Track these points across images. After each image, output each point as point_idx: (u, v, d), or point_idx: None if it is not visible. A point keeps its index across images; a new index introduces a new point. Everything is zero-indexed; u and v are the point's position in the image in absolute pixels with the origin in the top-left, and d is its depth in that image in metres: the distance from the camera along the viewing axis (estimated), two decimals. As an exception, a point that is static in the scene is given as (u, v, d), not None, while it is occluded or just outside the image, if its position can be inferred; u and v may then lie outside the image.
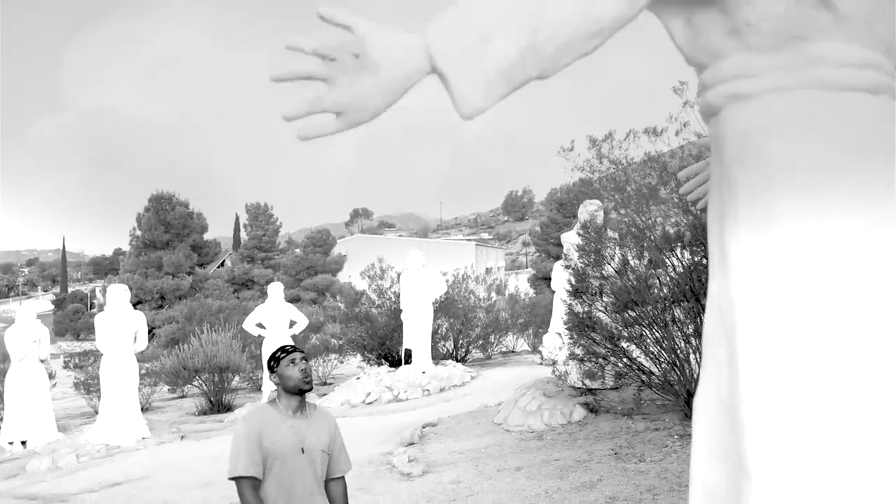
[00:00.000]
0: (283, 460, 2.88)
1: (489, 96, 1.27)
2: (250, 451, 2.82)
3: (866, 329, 1.30)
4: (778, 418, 1.32)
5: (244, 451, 2.82)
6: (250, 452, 2.82)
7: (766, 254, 1.33)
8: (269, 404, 3.04)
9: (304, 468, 2.93)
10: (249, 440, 2.83)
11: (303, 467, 2.93)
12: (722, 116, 1.45)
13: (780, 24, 1.32)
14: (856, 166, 1.31)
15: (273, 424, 2.91)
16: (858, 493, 1.27)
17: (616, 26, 1.30)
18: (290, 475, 2.90)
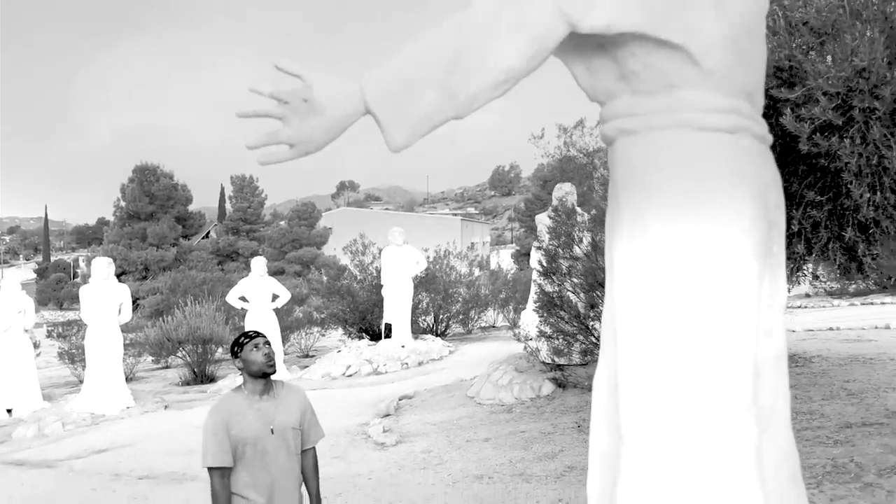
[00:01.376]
0: (254, 444, 2.99)
1: (413, 135, 1.55)
2: (218, 441, 2.94)
3: (712, 320, 1.59)
4: (646, 394, 1.61)
5: (212, 443, 2.94)
6: (218, 443, 2.94)
7: (639, 258, 1.63)
8: (235, 391, 3.12)
9: (276, 448, 3.04)
10: (217, 432, 2.95)
11: (274, 448, 3.04)
12: (614, 147, 1.74)
13: (657, 75, 1.59)
14: (713, 191, 1.59)
15: (239, 412, 3.01)
16: (709, 454, 1.58)
17: (521, 76, 1.56)
18: (262, 457, 3.01)
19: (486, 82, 1.54)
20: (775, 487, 1.70)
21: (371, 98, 1.54)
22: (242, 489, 3.00)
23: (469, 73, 1.52)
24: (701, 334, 1.59)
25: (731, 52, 1.63)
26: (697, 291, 1.60)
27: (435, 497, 5.35)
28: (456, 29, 1.55)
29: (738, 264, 1.61)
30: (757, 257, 1.63)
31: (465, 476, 5.76)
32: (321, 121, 1.54)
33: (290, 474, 3.11)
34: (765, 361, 1.71)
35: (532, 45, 1.54)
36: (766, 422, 1.71)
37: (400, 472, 6.10)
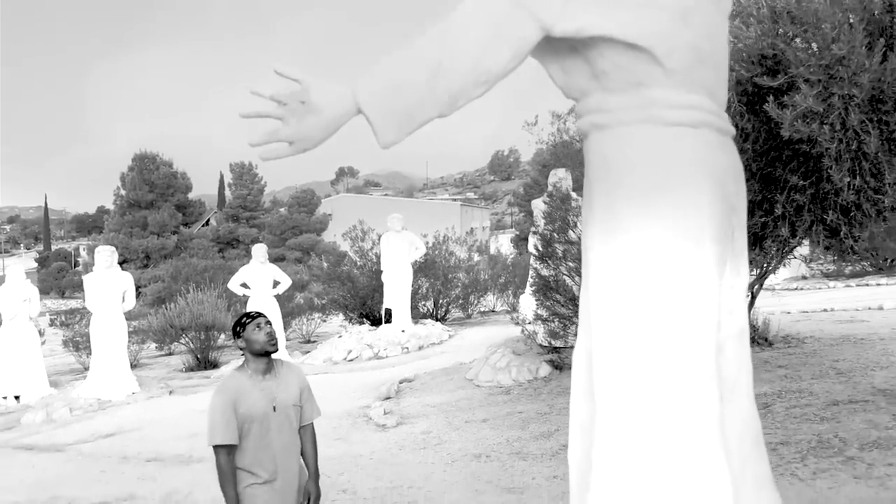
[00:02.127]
0: (259, 421, 3.12)
1: (400, 133, 1.70)
2: (226, 420, 3.05)
3: (675, 300, 1.75)
4: (618, 367, 1.77)
5: (219, 421, 3.06)
6: (226, 422, 3.06)
7: (609, 243, 1.78)
8: (239, 371, 3.23)
9: (278, 426, 3.18)
10: (224, 411, 3.07)
11: (277, 425, 3.17)
12: (588, 140, 1.88)
13: (625, 74, 1.74)
14: (676, 181, 1.74)
15: (245, 391, 3.13)
16: (675, 420, 1.73)
17: (500, 77, 1.71)
18: (266, 434, 3.14)
19: (468, 84, 1.68)
20: (739, 452, 1.86)
21: (363, 100, 1.69)
22: (248, 465, 3.15)
23: (451, 76, 1.66)
24: (666, 312, 1.75)
25: (693, 53, 1.77)
26: (662, 273, 1.75)
27: (434, 475, 5.53)
28: (439, 36, 1.69)
29: (698, 248, 1.76)
30: (717, 241, 1.79)
31: (464, 455, 5.93)
32: (317, 120, 1.69)
33: (291, 450, 3.27)
34: (727, 338, 1.86)
35: (509, 49, 1.68)
36: (730, 392, 1.87)
37: (400, 451, 6.28)
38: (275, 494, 3.19)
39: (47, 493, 6.11)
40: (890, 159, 3.97)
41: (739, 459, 1.85)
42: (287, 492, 3.24)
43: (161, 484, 6.10)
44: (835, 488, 4.10)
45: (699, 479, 1.74)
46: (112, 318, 10.62)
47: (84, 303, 11.23)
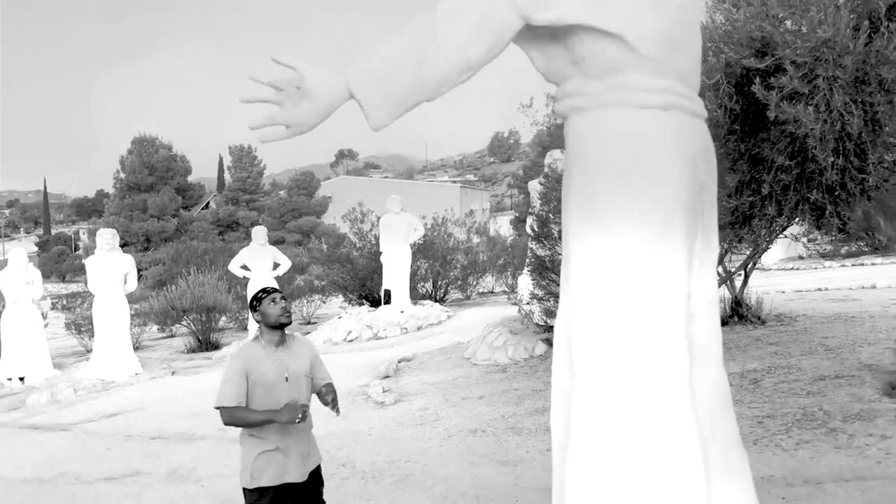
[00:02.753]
0: (270, 389, 3.30)
1: (390, 116, 1.81)
2: (236, 384, 3.25)
3: (647, 271, 1.87)
4: (593, 334, 1.89)
5: (232, 385, 3.25)
6: (236, 386, 3.25)
7: (587, 219, 1.90)
8: (254, 341, 3.44)
9: (290, 394, 3.34)
10: (236, 376, 3.27)
11: (288, 393, 3.34)
12: (568, 122, 1.99)
13: (601, 59, 1.84)
14: (648, 160, 1.85)
15: (258, 359, 3.33)
16: (647, 382, 1.86)
17: (483, 64, 1.81)
18: (277, 403, 3.31)
19: (453, 71, 1.79)
20: (708, 413, 1.98)
21: (355, 86, 1.81)
22: (259, 432, 3.32)
23: (438, 64, 1.77)
24: (639, 284, 1.87)
25: (665, 40, 1.88)
26: (636, 247, 1.87)
27: (431, 449, 5.67)
28: (426, 26, 1.80)
29: (669, 223, 1.87)
30: (687, 217, 1.90)
31: (460, 430, 6.08)
32: (312, 105, 1.81)
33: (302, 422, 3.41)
34: (698, 307, 1.98)
35: (491, 37, 1.79)
36: (701, 358, 1.99)
37: (398, 427, 6.43)
38: (286, 462, 3.35)
39: (54, 470, 6.26)
40: (873, 139, 4.07)
41: (709, 420, 1.97)
42: (297, 461, 3.39)
43: (165, 460, 6.26)
44: (816, 458, 4.24)
45: (670, 439, 1.87)
46: (114, 300, 10.75)
47: (85, 286, 11.35)
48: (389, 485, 5.02)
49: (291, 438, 3.37)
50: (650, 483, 1.86)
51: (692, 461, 1.87)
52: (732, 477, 2.02)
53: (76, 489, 5.68)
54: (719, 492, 1.98)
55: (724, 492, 2.00)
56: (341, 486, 5.05)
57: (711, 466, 1.95)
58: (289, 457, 3.35)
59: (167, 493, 5.36)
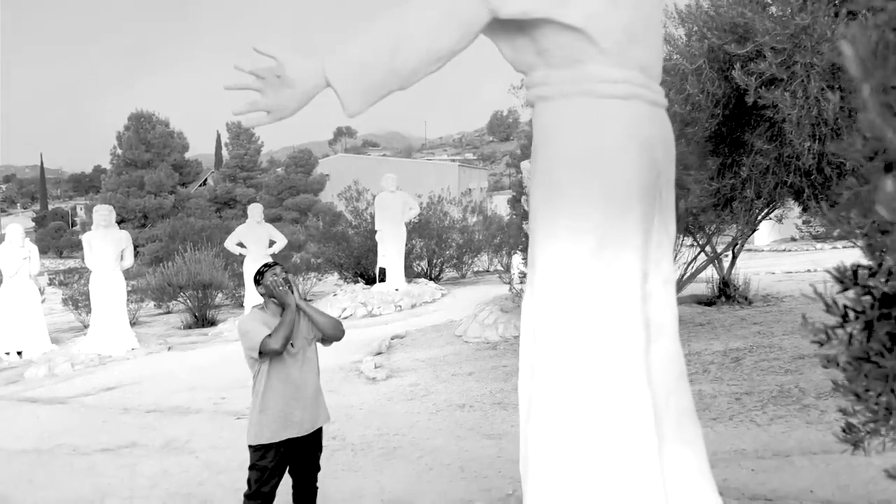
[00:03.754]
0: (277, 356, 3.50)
1: (364, 103, 1.92)
2: (260, 329, 3.46)
3: (604, 246, 2.00)
4: (554, 313, 2.02)
5: (258, 330, 3.46)
6: (262, 328, 3.47)
7: (547, 198, 2.02)
8: (259, 309, 3.69)
9: (294, 356, 3.57)
10: (257, 324, 3.50)
11: (294, 357, 3.57)
12: (535, 110, 2.10)
13: (565, 52, 1.95)
14: (607, 146, 1.96)
15: (266, 323, 3.56)
16: (606, 355, 1.99)
17: (452, 55, 1.92)
18: (284, 366, 3.54)
19: (423, 61, 1.90)
20: (664, 385, 2.11)
21: (331, 75, 1.92)
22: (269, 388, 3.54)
23: (409, 55, 1.88)
24: (596, 261, 1.99)
25: (625, 34, 1.98)
26: (594, 228, 1.99)
27: (419, 423, 5.83)
28: (398, 18, 1.91)
29: (626, 206, 1.99)
30: (643, 200, 2.02)
31: (449, 405, 6.24)
32: (292, 93, 1.92)
33: (306, 380, 3.63)
34: (655, 286, 2.11)
35: (459, 29, 1.90)
36: (658, 334, 2.12)
37: (389, 402, 6.58)
38: (288, 420, 3.53)
39: (53, 441, 6.42)
40: (849, 125, 4.17)
41: (664, 392, 2.11)
42: (300, 418, 3.57)
43: (160, 432, 6.41)
44: (787, 432, 4.40)
45: (625, 411, 2.00)
46: (111, 275, 10.86)
47: (83, 262, 11.45)
48: (377, 456, 5.17)
49: (294, 397, 3.55)
50: (605, 451, 2.00)
51: (645, 431, 2.01)
52: (685, 444, 2.16)
53: (73, 460, 5.83)
54: (673, 457, 2.12)
55: (678, 457, 2.13)
56: (331, 458, 5.20)
57: (665, 435, 2.09)
58: (290, 415, 3.54)
59: (162, 464, 5.51)
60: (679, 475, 2.13)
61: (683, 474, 2.14)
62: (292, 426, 3.57)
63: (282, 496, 3.89)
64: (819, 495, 3.55)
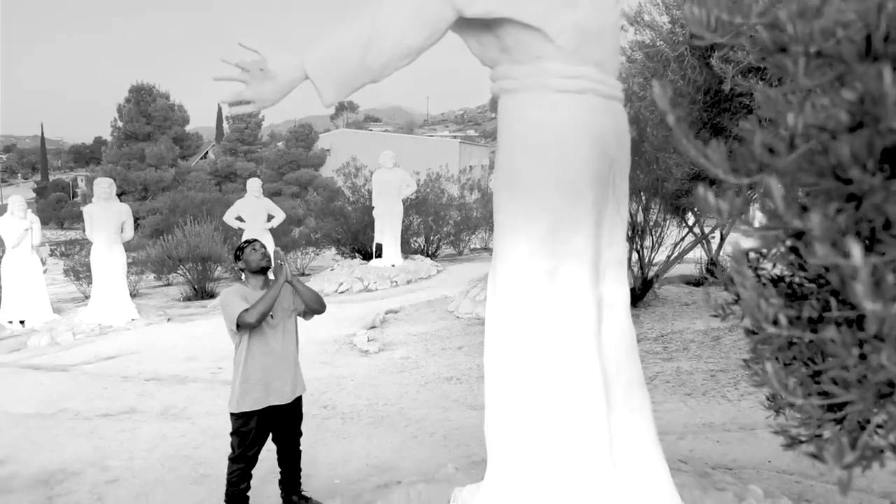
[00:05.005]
0: (259, 325, 3.70)
1: (339, 95, 2.10)
2: (240, 303, 3.66)
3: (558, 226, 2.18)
4: (507, 288, 2.21)
5: (237, 304, 3.66)
6: (241, 303, 3.66)
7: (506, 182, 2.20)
8: (241, 284, 3.88)
9: (275, 327, 3.79)
10: (237, 299, 3.69)
11: (275, 327, 3.78)
12: (499, 102, 2.27)
13: (525, 49, 2.12)
14: (562, 136, 2.14)
15: (248, 297, 3.76)
16: (560, 330, 2.18)
17: (421, 51, 2.09)
18: (263, 336, 3.75)
19: (393, 57, 2.08)
20: (615, 357, 2.31)
21: (309, 69, 2.10)
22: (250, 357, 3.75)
23: (380, 51, 2.06)
24: (551, 239, 2.18)
25: (580, 33, 2.15)
26: (546, 206, 2.17)
27: (408, 394, 6.05)
28: (370, 17, 2.08)
29: (578, 191, 2.18)
30: (594, 186, 2.21)
31: (437, 378, 6.46)
32: (273, 84, 2.11)
33: (288, 349, 3.86)
34: (608, 266, 2.30)
35: (427, 27, 2.07)
36: (610, 309, 2.31)
37: (379, 374, 6.80)
38: (268, 389, 3.74)
39: (55, 406, 6.65)
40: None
41: (615, 364, 2.30)
42: (279, 386, 3.79)
43: (159, 400, 6.64)
44: (755, 407, 4.61)
45: (575, 377, 2.20)
46: (111, 247, 11.04)
47: (83, 233, 11.62)
48: (366, 425, 5.40)
49: (273, 367, 3.75)
50: (557, 416, 2.20)
51: (594, 399, 2.21)
52: (634, 411, 2.36)
53: (75, 424, 6.06)
54: (622, 422, 2.32)
55: (627, 423, 2.34)
56: (322, 426, 5.43)
57: (615, 402, 2.29)
58: (270, 384, 3.74)
59: (160, 429, 5.74)
60: (627, 439, 2.33)
61: (632, 438, 2.34)
62: (273, 394, 3.78)
63: (270, 460, 4.11)
64: (776, 465, 3.76)
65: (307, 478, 4.38)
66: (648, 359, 6.12)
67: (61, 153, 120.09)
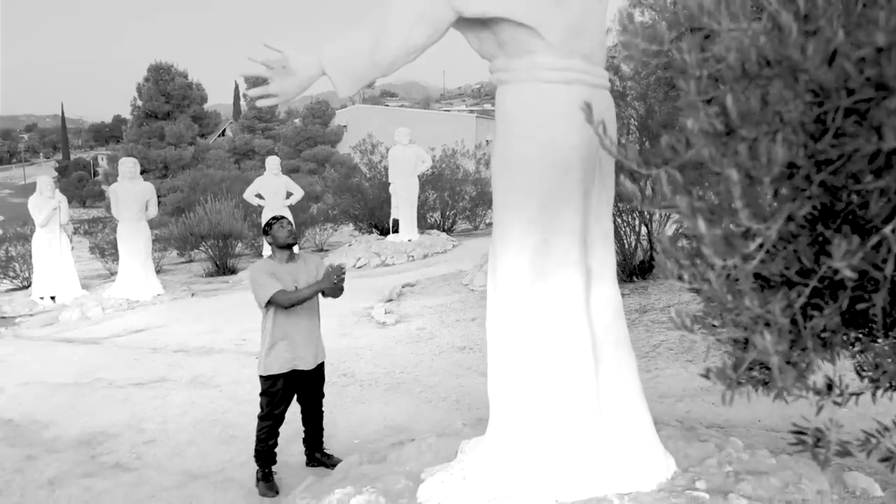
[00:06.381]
0: None
1: (353, 88, 2.36)
2: (269, 281, 4.00)
3: (549, 206, 2.43)
4: (506, 257, 2.47)
5: (266, 283, 3.99)
6: (270, 281, 3.99)
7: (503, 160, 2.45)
8: (269, 258, 4.22)
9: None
10: (265, 277, 4.02)
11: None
12: (497, 93, 2.52)
13: (519, 44, 2.36)
14: (552, 123, 2.38)
15: (275, 270, 4.09)
16: (551, 297, 2.44)
17: (425, 48, 2.33)
18: (290, 309, 4.06)
19: (400, 55, 2.33)
20: (601, 321, 2.57)
21: (326, 66, 2.36)
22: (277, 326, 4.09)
23: (387, 50, 2.31)
24: (543, 212, 2.44)
25: (568, 30, 2.39)
26: (541, 186, 2.43)
27: (422, 363, 6.36)
28: (379, 18, 2.33)
29: (568, 169, 2.43)
30: (582, 166, 2.46)
31: (451, 347, 6.75)
32: (294, 80, 2.37)
33: (312, 320, 4.16)
34: (595, 240, 2.56)
35: (430, 28, 2.32)
36: (598, 278, 2.57)
37: (396, 345, 7.11)
38: (293, 354, 4.08)
39: (90, 376, 7.03)
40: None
41: (602, 326, 2.57)
42: (303, 353, 4.12)
43: (188, 369, 7.00)
44: (750, 371, 4.85)
45: (566, 337, 2.46)
46: (137, 225, 11.41)
47: (107, 211, 11.97)
48: (383, 390, 5.71)
49: (297, 336, 4.07)
50: (550, 373, 2.47)
51: (583, 356, 2.48)
52: (621, 367, 2.63)
53: (110, 392, 6.44)
54: (610, 377, 2.59)
55: (614, 377, 2.61)
56: (342, 392, 5.75)
57: (603, 360, 2.56)
58: (295, 350, 4.07)
59: (189, 396, 6.09)
60: (615, 393, 2.60)
61: (619, 392, 2.61)
62: (297, 360, 4.11)
63: (295, 423, 4.43)
64: (766, 423, 4.02)
65: (328, 438, 4.71)
66: (655, 328, 6.37)
67: (81, 132, 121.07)
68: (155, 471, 4.64)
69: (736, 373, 1.29)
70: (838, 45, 0.93)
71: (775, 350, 1.11)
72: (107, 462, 4.84)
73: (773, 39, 0.99)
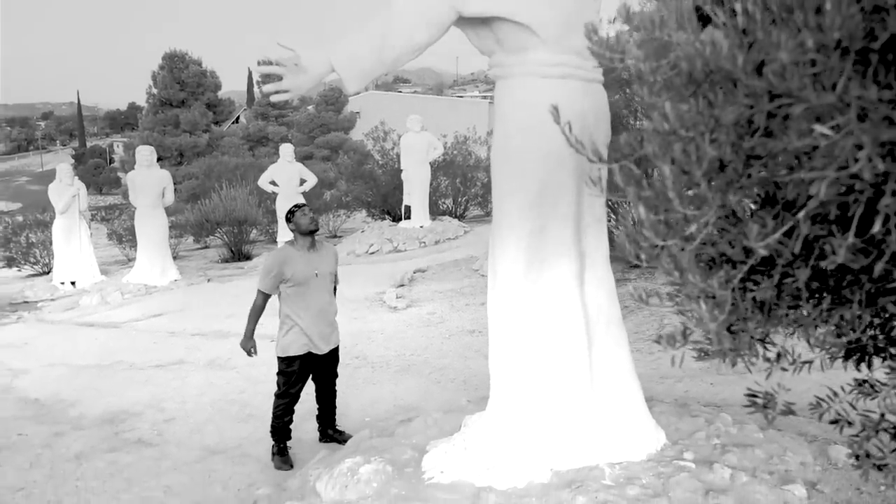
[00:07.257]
0: (304, 283, 4.26)
1: (360, 84, 2.52)
2: (272, 276, 4.23)
3: (542, 190, 2.58)
4: (505, 243, 2.63)
5: (270, 276, 4.23)
6: (272, 277, 4.23)
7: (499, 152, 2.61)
8: (289, 244, 4.41)
9: (317, 287, 4.32)
10: (272, 270, 4.25)
11: (317, 287, 4.32)
12: (495, 87, 2.67)
13: (515, 41, 2.51)
14: (546, 116, 2.53)
15: (293, 258, 4.29)
16: (546, 280, 2.60)
17: (427, 46, 2.49)
18: (308, 293, 4.30)
19: (404, 52, 2.49)
20: (594, 300, 2.73)
21: (336, 64, 2.52)
22: (294, 312, 4.22)
23: (392, 48, 2.47)
24: (540, 198, 2.60)
25: (562, 27, 2.54)
26: (537, 175, 2.59)
27: (432, 346, 6.54)
28: (384, 19, 2.49)
29: (561, 160, 2.58)
30: (574, 155, 2.60)
31: (460, 331, 6.93)
32: (306, 77, 2.54)
33: (328, 308, 4.40)
34: (589, 224, 2.72)
35: (432, 27, 2.48)
36: (591, 260, 2.73)
37: (407, 328, 7.30)
38: (309, 338, 4.27)
39: (112, 358, 7.28)
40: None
41: (595, 305, 2.73)
42: (318, 338, 4.32)
43: (205, 352, 7.23)
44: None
45: (561, 315, 2.63)
46: (154, 212, 11.66)
47: (124, 199, 12.23)
48: (394, 372, 5.91)
49: (314, 323, 4.27)
50: (546, 350, 2.64)
51: (576, 336, 2.64)
52: (615, 344, 2.80)
53: (131, 373, 6.67)
54: (603, 353, 2.77)
55: (607, 353, 2.78)
56: (354, 373, 5.95)
57: (596, 337, 2.73)
58: (311, 335, 4.27)
59: (208, 377, 6.32)
60: (608, 368, 2.77)
61: (612, 368, 2.78)
62: (312, 343, 4.30)
63: (309, 402, 4.63)
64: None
65: (341, 417, 4.91)
66: (659, 312, 6.52)
67: (97, 119, 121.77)
68: (175, 446, 4.86)
69: (685, 339, 1.45)
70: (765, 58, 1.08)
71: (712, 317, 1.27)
72: (129, 438, 5.07)
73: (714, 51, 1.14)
